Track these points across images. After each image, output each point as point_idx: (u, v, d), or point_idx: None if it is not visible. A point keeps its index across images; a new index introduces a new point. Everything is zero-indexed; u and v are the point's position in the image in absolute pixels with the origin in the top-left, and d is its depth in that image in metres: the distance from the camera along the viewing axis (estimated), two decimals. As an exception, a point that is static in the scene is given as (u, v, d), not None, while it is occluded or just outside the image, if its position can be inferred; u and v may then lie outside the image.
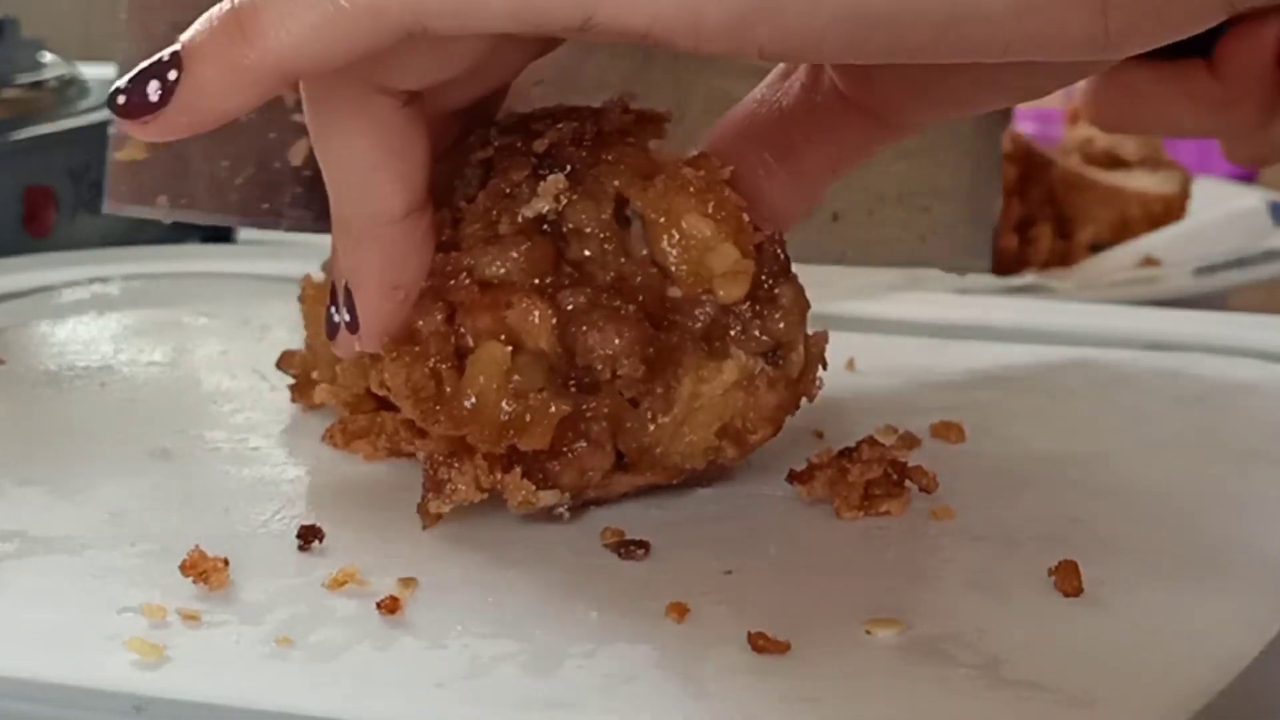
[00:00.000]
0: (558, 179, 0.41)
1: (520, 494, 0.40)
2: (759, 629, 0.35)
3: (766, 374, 0.41)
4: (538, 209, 0.41)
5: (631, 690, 0.33)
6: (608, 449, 0.40)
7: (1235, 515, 0.42)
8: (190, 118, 0.36)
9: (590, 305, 0.40)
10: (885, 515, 0.42)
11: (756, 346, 0.41)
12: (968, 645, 0.35)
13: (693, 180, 0.41)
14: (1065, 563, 0.37)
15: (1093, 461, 0.47)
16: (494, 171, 0.42)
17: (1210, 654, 0.34)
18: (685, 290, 0.41)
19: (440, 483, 0.40)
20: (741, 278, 0.41)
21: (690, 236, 0.41)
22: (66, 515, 0.42)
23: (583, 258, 0.41)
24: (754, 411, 0.42)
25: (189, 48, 0.36)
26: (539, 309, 0.40)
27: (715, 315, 0.41)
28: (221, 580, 0.37)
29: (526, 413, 0.39)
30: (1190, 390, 0.54)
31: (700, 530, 0.41)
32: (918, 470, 0.43)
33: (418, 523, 0.41)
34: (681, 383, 0.41)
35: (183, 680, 0.33)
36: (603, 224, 0.41)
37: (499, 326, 0.40)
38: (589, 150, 0.41)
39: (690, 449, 0.41)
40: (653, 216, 0.41)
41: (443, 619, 0.36)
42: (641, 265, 0.41)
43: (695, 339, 0.41)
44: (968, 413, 0.50)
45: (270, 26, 0.35)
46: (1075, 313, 0.66)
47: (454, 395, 0.40)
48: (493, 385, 0.39)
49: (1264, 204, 0.87)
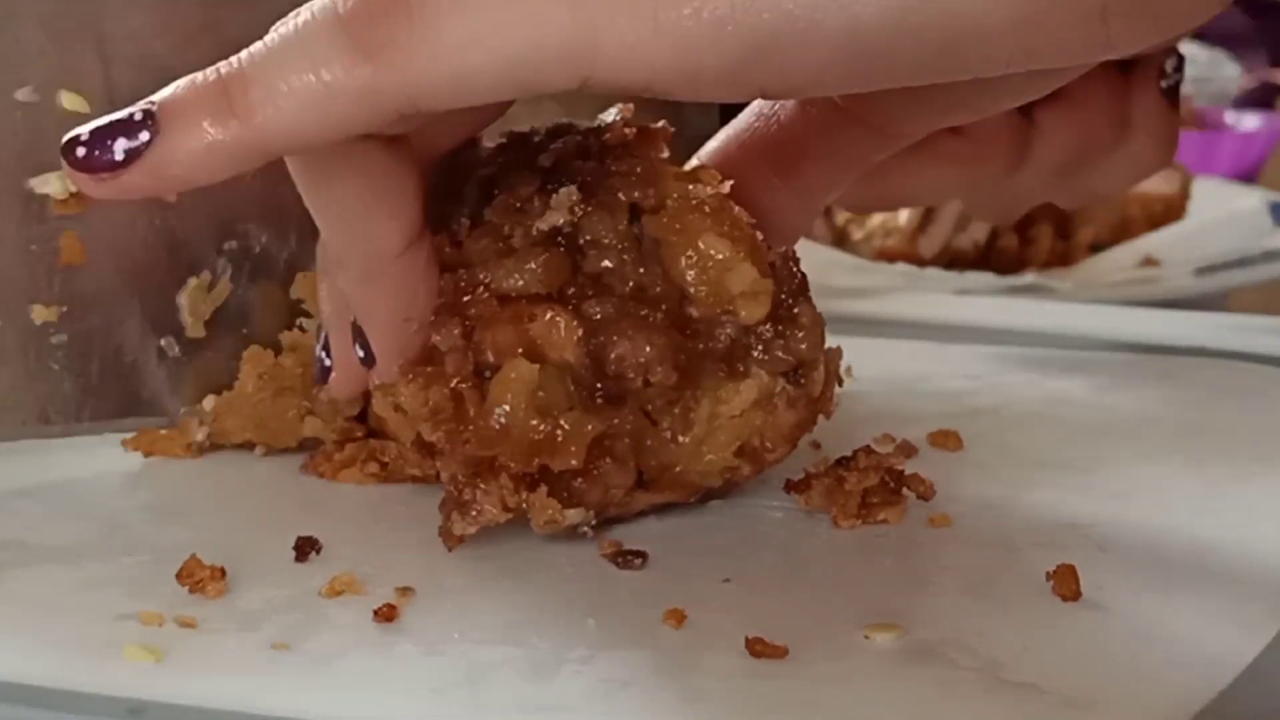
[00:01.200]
0: (570, 191, 0.40)
1: (547, 513, 0.39)
2: (757, 634, 0.35)
3: (787, 393, 0.41)
4: (553, 221, 0.40)
5: (629, 695, 0.33)
6: (631, 467, 0.40)
7: (1234, 518, 0.42)
8: (153, 184, 0.34)
9: (617, 314, 0.40)
10: (883, 523, 0.42)
11: (778, 366, 0.41)
12: (966, 649, 0.35)
13: (706, 200, 0.40)
14: (1063, 567, 0.37)
15: (1091, 466, 0.47)
16: (498, 188, 0.41)
17: (1209, 657, 0.34)
18: (704, 311, 0.40)
19: (465, 504, 0.39)
20: (762, 297, 0.40)
21: (708, 257, 0.40)
22: (63, 526, 0.42)
23: (601, 270, 0.40)
24: (772, 430, 0.41)
25: (167, 111, 0.34)
26: (564, 319, 0.39)
27: (736, 336, 0.41)
28: (218, 589, 0.37)
29: (558, 431, 0.39)
30: (1190, 392, 0.54)
31: (698, 540, 0.41)
32: (915, 478, 0.43)
33: (414, 533, 0.41)
34: (700, 404, 0.40)
35: (180, 684, 0.33)
36: (620, 235, 0.40)
37: (521, 339, 0.39)
38: (595, 162, 0.41)
39: (709, 468, 0.41)
40: (669, 238, 0.40)
41: (440, 626, 0.36)
42: (660, 278, 0.40)
43: (715, 359, 0.40)
44: (965, 420, 0.50)
45: (260, 103, 0.33)
46: (1075, 313, 0.66)
47: (479, 415, 0.39)
48: (521, 404, 0.39)
49: (1264, 204, 0.87)
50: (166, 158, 0.34)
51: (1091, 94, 0.47)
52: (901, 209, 0.74)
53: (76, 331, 0.47)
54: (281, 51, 0.34)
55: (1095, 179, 0.49)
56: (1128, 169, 0.49)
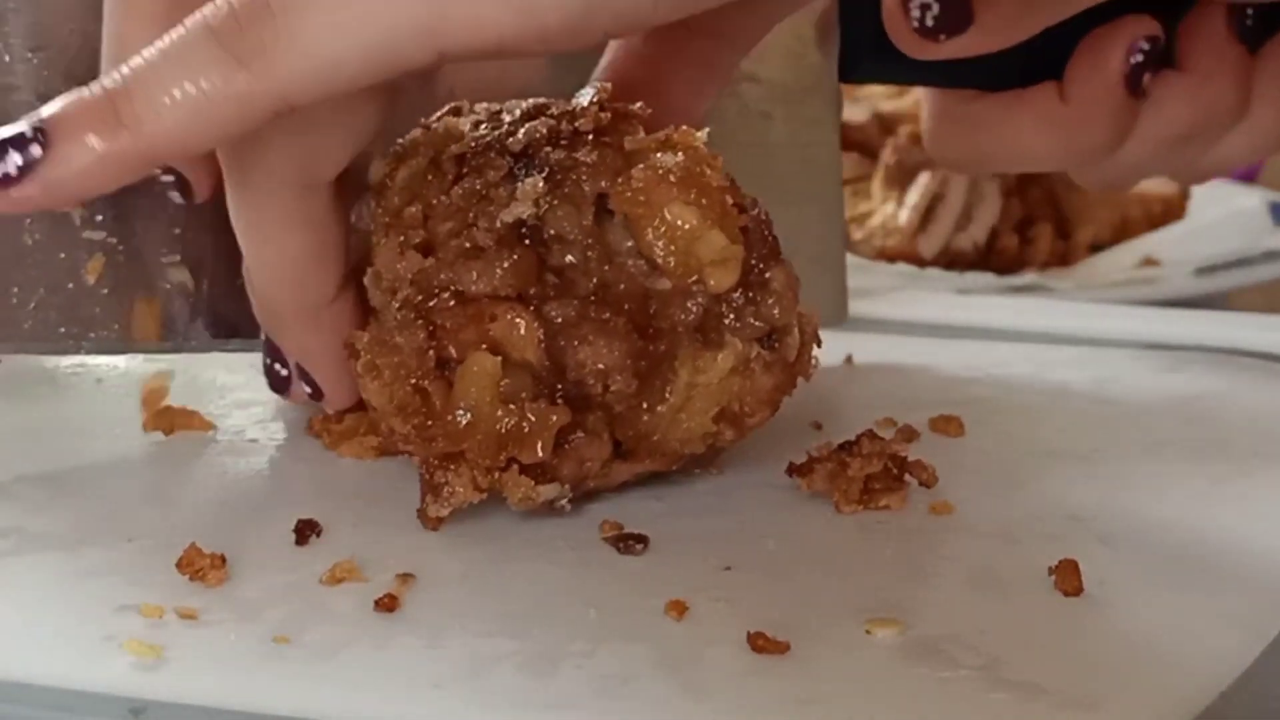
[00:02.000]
0: (536, 182, 0.40)
1: (520, 491, 0.39)
2: (758, 628, 0.34)
3: (763, 358, 0.41)
4: (518, 213, 0.40)
5: (630, 692, 0.33)
6: (605, 438, 0.40)
7: (1235, 515, 0.42)
8: (47, 196, 0.35)
9: (579, 318, 0.40)
10: (885, 509, 0.42)
11: (751, 333, 0.41)
12: (968, 646, 0.34)
13: (672, 168, 0.40)
14: (1065, 562, 0.37)
15: (1092, 459, 0.47)
16: (467, 168, 0.41)
17: (1210, 657, 0.34)
18: (675, 281, 0.40)
19: (438, 486, 0.40)
20: (731, 264, 0.40)
21: (675, 227, 0.40)
22: (63, 511, 0.42)
23: (564, 264, 0.40)
24: (751, 395, 0.41)
25: (56, 125, 0.35)
26: (524, 319, 0.39)
27: (708, 305, 0.41)
28: (219, 577, 0.37)
29: (524, 423, 0.39)
30: (1190, 389, 0.54)
31: (699, 523, 0.41)
32: (917, 464, 0.43)
33: (415, 515, 0.41)
34: (678, 374, 0.40)
35: (181, 682, 0.33)
36: (585, 230, 0.40)
37: (483, 338, 0.39)
38: (565, 150, 0.41)
39: (688, 435, 0.41)
40: (635, 210, 0.40)
41: (441, 617, 0.36)
42: (623, 267, 0.40)
43: (690, 331, 0.41)
44: (967, 408, 0.50)
45: (145, 113, 0.35)
46: (1075, 313, 0.66)
47: (445, 409, 0.39)
48: (485, 397, 0.39)
49: (1264, 204, 0.87)
50: (59, 171, 0.35)
51: (1212, 67, 0.46)
52: (1006, 169, 0.72)
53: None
54: (161, 64, 0.35)
55: (1213, 154, 0.48)
56: (1248, 144, 0.48)
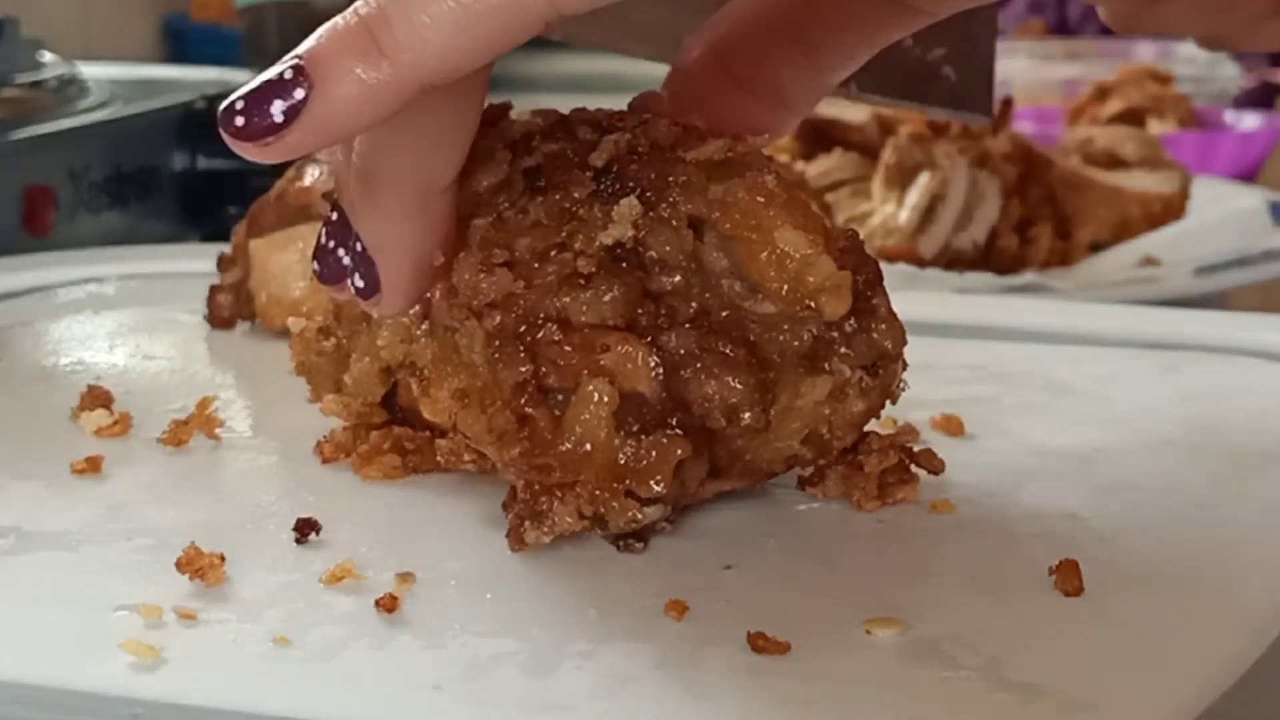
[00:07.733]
0: (632, 203, 0.39)
1: (626, 514, 0.38)
2: (759, 628, 0.34)
3: (862, 384, 0.40)
4: (616, 236, 0.39)
5: (630, 692, 0.33)
6: (705, 458, 0.39)
7: (1236, 515, 0.42)
8: (318, 139, 0.33)
9: (699, 350, 0.38)
10: (902, 502, 0.42)
11: (860, 360, 0.40)
12: (968, 646, 0.34)
13: (775, 190, 0.39)
14: (1066, 562, 0.37)
15: (1092, 458, 0.46)
16: (544, 181, 0.40)
17: (1211, 658, 0.34)
18: (783, 307, 0.39)
19: (540, 514, 0.38)
20: (843, 291, 0.39)
21: (786, 254, 0.39)
22: (63, 510, 0.42)
23: (664, 289, 0.39)
24: (840, 419, 0.40)
25: (316, 63, 0.33)
26: (640, 352, 0.38)
27: (819, 333, 0.39)
28: (218, 576, 0.37)
29: (644, 455, 0.38)
30: (1190, 389, 0.54)
31: (699, 521, 0.41)
32: (926, 454, 0.43)
33: (414, 513, 0.41)
34: (779, 399, 0.39)
35: (180, 684, 0.33)
36: (687, 255, 0.39)
37: (592, 369, 0.38)
38: (644, 165, 0.39)
39: (775, 454, 0.40)
40: (744, 234, 0.39)
41: (441, 616, 0.36)
42: (721, 291, 0.39)
43: (797, 357, 0.39)
44: (967, 408, 0.50)
45: (406, 38, 0.32)
46: (1075, 312, 0.66)
47: (557, 438, 0.38)
48: (603, 428, 0.38)
49: (1264, 204, 0.88)
50: (327, 111, 0.33)
51: None
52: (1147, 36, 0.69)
53: None
54: None
55: None
56: None
